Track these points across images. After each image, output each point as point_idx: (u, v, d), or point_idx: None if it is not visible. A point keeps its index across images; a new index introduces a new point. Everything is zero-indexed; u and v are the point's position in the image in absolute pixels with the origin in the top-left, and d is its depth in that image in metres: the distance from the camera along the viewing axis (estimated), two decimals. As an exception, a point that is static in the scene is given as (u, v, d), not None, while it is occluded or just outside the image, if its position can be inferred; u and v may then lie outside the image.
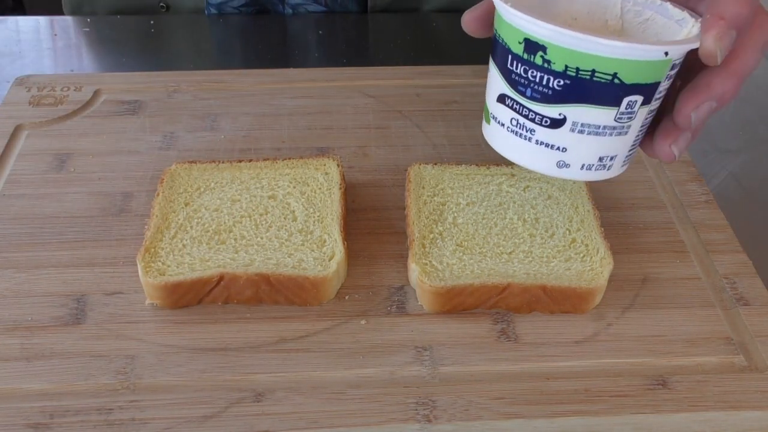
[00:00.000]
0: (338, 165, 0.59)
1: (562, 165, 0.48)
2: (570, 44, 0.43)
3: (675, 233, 0.58)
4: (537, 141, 0.48)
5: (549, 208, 0.56)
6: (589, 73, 0.44)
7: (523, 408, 0.45)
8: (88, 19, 0.87)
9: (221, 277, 0.50)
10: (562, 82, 0.45)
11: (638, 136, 0.48)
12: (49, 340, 0.48)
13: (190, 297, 0.50)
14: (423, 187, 0.58)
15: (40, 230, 0.56)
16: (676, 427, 0.46)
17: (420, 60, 0.79)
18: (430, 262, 0.52)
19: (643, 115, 0.47)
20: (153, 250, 0.52)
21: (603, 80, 0.44)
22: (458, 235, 0.54)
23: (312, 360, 0.48)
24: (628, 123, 0.46)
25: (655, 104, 0.47)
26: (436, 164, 0.60)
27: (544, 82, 0.45)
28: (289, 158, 0.60)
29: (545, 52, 0.44)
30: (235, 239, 0.53)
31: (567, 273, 0.51)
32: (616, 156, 0.48)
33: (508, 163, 0.60)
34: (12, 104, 0.69)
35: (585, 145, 0.47)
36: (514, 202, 0.57)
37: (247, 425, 0.44)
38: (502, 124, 0.49)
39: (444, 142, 0.66)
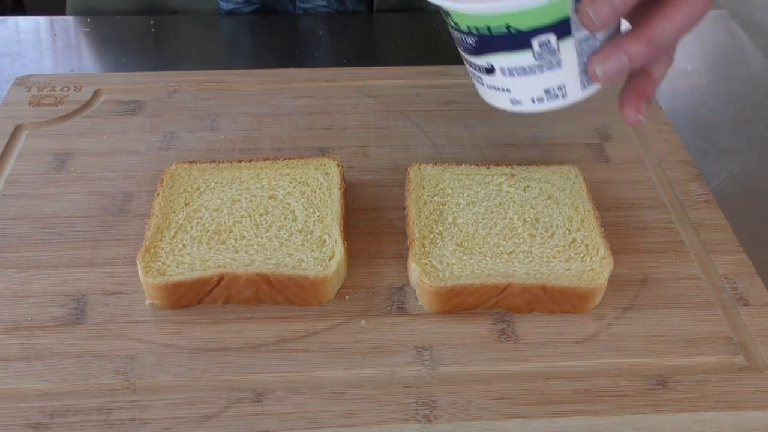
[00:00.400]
0: (338, 165, 0.59)
1: (515, 102, 0.50)
2: (457, 9, 0.46)
3: (675, 233, 0.58)
4: (487, 85, 0.50)
5: (549, 208, 0.56)
6: (486, 28, 0.46)
7: (523, 408, 0.45)
8: (88, 19, 0.87)
9: (221, 277, 0.50)
10: (472, 39, 0.48)
11: (584, 59, 0.47)
12: (49, 340, 0.48)
13: (190, 297, 0.50)
14: (423, 187, 0.58)
15: (40, 230, 0.56)
16: (676, 427, 0.46)
17: (420, 60, 0.79)
18: (430, 262, 0.52)
19: (572, 45, 0.46)
20: (153, 250, 0.52)
21: (501, 32, 0.46)
22: (458, 235, 0.54)
23: (312, 360, 0.48)
24: (556, 57, 0.47)
25: (585, 31, 0.46)
26: (436, 164, 0.60)
27: (463, 40, 0.49)
28: (289, 158, 0.60)
29: (451, 18, 0.48)
30: (235, 239, 0.53)
31: (567, 273, 0.51)
32: (564, 85, 0.48)
33: (508, 164, 0.60)
34: (12, 104, 0.69)
35: (522, 84, 0.48)
36: (514, 202, 0.57)
37: (247, 425, 0.44)
38: (471, 75, 0.52)
39: (444, 142, 0.66)
